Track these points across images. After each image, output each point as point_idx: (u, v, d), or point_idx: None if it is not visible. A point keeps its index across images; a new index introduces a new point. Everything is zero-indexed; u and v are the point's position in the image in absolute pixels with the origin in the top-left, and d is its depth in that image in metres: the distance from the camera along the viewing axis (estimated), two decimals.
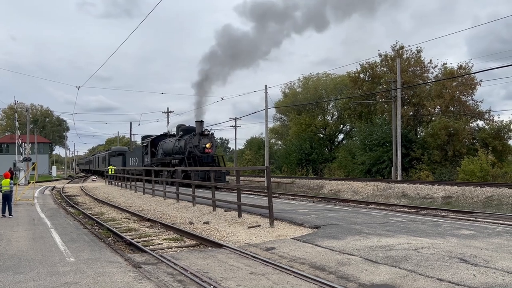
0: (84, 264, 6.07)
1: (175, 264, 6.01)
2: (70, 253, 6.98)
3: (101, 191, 24.98)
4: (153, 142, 31.16)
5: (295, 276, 5.15)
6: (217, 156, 27.54)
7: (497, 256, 5.59)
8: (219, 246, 7.45)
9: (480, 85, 32.95)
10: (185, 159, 25.10)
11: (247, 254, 6.53)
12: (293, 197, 20.97)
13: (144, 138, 35.12)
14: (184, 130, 27.77)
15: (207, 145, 25.85)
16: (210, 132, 27.26)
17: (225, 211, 11.73)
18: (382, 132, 33.56)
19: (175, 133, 29.58)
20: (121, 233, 9.62)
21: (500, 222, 9.78)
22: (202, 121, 26.81)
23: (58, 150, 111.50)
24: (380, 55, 37.04)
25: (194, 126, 27.90)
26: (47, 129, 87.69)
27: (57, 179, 50.11)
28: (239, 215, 10.57)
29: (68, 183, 40.34)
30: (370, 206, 14.77)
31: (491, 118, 32.70)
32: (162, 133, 32.73)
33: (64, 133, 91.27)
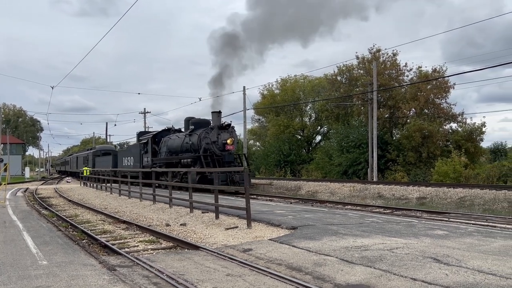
0: (57, 267, 5.94)
1: (150, 266, 5.94)
2: (42, 256, 6.82)
3: (75, 193, 24.52)
4: (155, 138, 26.76)
5: (271, 277, 5.16)
6: (238, 154, 23.37)
7: (468, 256, 5.72)
8: (196, 248, 7.40)
9: (453, 88, 33.75)
10: (200, 158, 20.87)
11: (224, 255, 6.51)
12: (271, 198, 21.02)
13: (140, 134, 30.43)
14: (195, 124, 23.21)
15: (228, 141, 21.51)
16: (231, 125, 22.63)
17: (202, 212, 11.67)
18: (358, 134, 33.99)
19: (184, 127, 25.19)
20: (96, 235, 9.46)
21: (472, 222, 10.02)
22: (220, 112, 22.30)
23: (32, 151, 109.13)
24: (357, 58, 37.53)
25: (207, 118, 23.98)
26: (20, 129, 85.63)
27: (31, 181, 48.94)
28: (217, 217, 10.53)
29: (42, 184, 39.45)
30: (346, 207, 14.93)
31: (464, 120, 33.51)
32: (165, 128, 28.13)
33: (38, 134, 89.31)
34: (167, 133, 26.56)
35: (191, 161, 21.69)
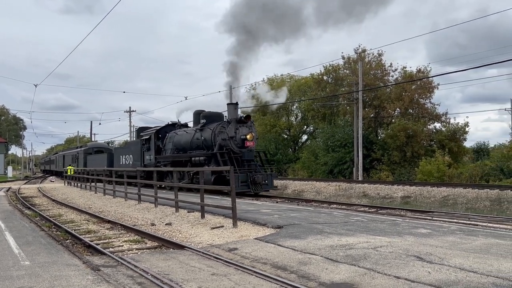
0: (39, 268, 5.87)
1: (135, 266, 5.91)
2: (25, 256, 6.73)
3: (59, 192, 24.21)
4: (158, 134, 24.21)
5: (257, 276, 5.17)
6: (257, 152, 20.57)
7: (451, 254, 5.80)
8: (181, 247, 7.37)
9: (437, 88, 34.20)
10: (216, 156, 18.37)
11: (209, 255, 6.50)
12: (257, 198, 21.05)
13: (141, 130, 27.62)
14: (207, 117, 20.82)
15: (248, 136, 18.92)
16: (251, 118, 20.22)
17: (188, 212, 11.63)
18: (344, 134, 34.23)
19: (193, 122, 22.65)
20: (80, 235, 9.36)
21: (455, 220, 10.16)
22: (236, 103, 19.96)
23: (15, 150, 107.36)
24: (343, 58, 37.76)
25: (220, 111, 21.71)
26: (3, 127, 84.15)
27: (13, 180, 48.17)
28: (202, 216, 10.51)
29: (25, 184, 38.87)
30: (332, 206, 15.02)
31: (448, 120, 34.00)
32: (169, 122, 25.23)
33: (21, 132, 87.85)
34: (172, 128, 24.01)
35: (204, 159, 19.27)
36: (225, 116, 20.43)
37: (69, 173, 32.32)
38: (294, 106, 46.60)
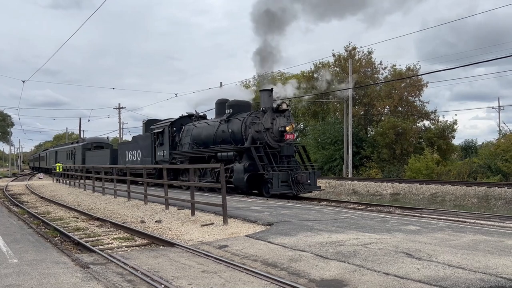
0: (28, 266, 5.81)
1: (125, 263, 5.87)
2: (13, 254, 6.66)
3: (48, 190, 23.99)
4: (173, 127, 21.57)
5: (247, 273, 5.17)
6: (296, 146, 17.87)
7: (439, 250, 5.86)
8: (171, 245, 7.35)
9: (426, 86, 34.50)
10: (249, 151, 15.82)
11: (199, 252, 6.49)
12: (247, 195, 21.04)
13: (150, 122, 25.09)
14: (234, 106, 18.18)
15: (287, 128, 16.29)
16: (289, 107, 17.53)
17: (178, 209, 11.59)
18: (334, 131, 34.37)
19: (216, 112, 20.15)
20: (69, 232, 9.29)
21: (443, 217, 10.26)
22: (271, 90, 17.10)
23: (2, 147, 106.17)
24: (333, 55, 37.86)
25: (244, 101, 19.35)
26: None
27: (1, 177, 47.65)
28: (193, 213, 10.48)
29: (13, 181, 38.45)
30: (322, 203, 15.06)
31: (437, 118, 34.34)
32: (183, 114, 22.56)
33: (9, 129, 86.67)
34: (188, 120, 21.52)
35: (234, 155, 16.64)
36: (257, 106, 17.95)
37: (57, 170, 31.90)
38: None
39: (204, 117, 21.89)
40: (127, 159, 26.02)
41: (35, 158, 71.58)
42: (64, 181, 28.49)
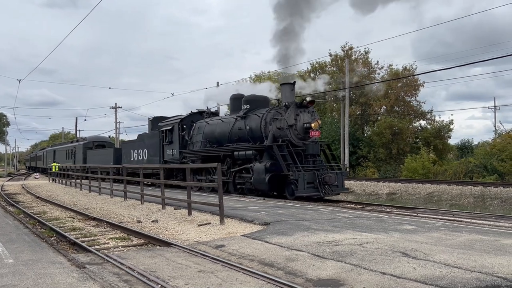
0: (23, 266, 5.78)
1: (121, 263, 5.86)
2: (8, 254, 6.63)
3: (44, 189, 23.91)
4: (182, 124, 20.38)
5: (244, 273, 5.17)
6: (321, 144, 16.52)
7: (435, 250, 5.87)
8: (168, 244, 7.34)
9: (423, 86, 34.62)
10: (270, 150, 14.67)
11: (196, 252, 6.48)
12: (244, 195, 21.04)
13: (156, 120, 23.74)
14: (251, 102, 16.95)
15: (313, 125, 14.96)
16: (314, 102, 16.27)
17: (174, 209, 11.58)
18: (331, 131, 34.41)
19: (231, 108, 19.02)
20: (65, 232, 9.25)
21: (440, 217, 10.29)
22: (294, 83, 15.98)
23: None
24: (330, 55, 37.91)
25: (262, 96, 18.13)
26: None
27: None
28: (189, 213, 10.47)
29: (8, 180, 38.30)
30: (318, 202, 15.08)
31: (433, 118, 34.47)
32: (192, 111, 21.19)
33: (4, 128, 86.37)
34: (199, 117, 20.35)
35: (254, 153, 15.38)
36: (276, 101, 16.74)
37: (53, 170, 31.75)
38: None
39: (216, 113, 20.86)
40: (132, 159, 24.80)
41: (31, 157, 70.31)
42: (60, 180, 28.39)
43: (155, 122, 23.66)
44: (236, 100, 18.06)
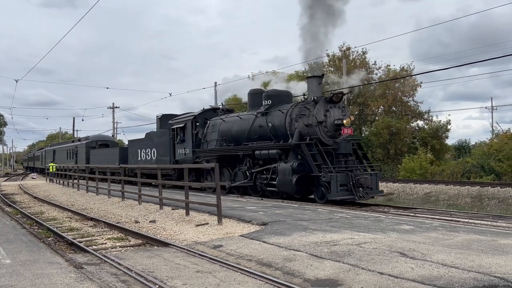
0: (21, 266, 5.77)
1: (119, 264, 5.85)
2: (5, 254, 6.61)
3: (41, 189, 23.85)
4: (195, 122, 19.12)
5: (242, 273, 5.17)
6: (353, 143, 14.87)
7: (433, 250, 5.88)
8: (166, 245, 7.33)
9: (420, 86, 34.65)
10: (301, 148, 13.38)
11: (194, 252, 6.47)
12: (242, 195, 21.01)
13: (165, 117, 22.57)
14: (273, 97, 15.77)
15: (345, 121, 13.82)
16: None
17: (172, 209, 11.57)
18: None
19: (249, 104, 17.43)
20: (62, 232, 9.24)
21: (437, 217, 10.30)
22: (322, 76, 14.88)
23: None
24: (327, 55, 37.92)
25: (285, 90, 17.35)
26: None
27: None
28: (187, 213, 10.46)
29: (5, 181, 38.19)
30: (316, 202, 15.09)
31: (430, 118, 34.51)
32: (205, 108, 20.20)
33: (1, 128, 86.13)
34: (213, 114, 19.22)
35: (278, 152, 14.16)
36: (302, 95, 15.66)
37: (51, 170, 31.61)
38: None
39: (231, 110, 19.88)
40: (139, 158, 23.57)
41: (29, 157, 69.10)
42: (58, 181, 28.32)
43: (164, 120, 22.59)
44: (255, 96, 16.87)
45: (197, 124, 19.09)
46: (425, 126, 34.05)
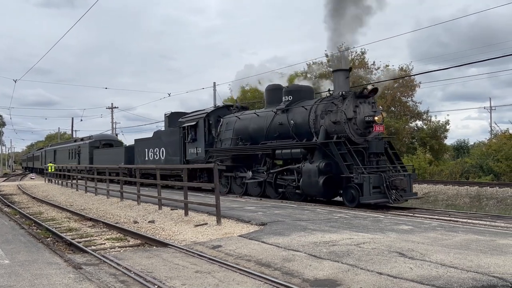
0: (19, 266, 5.76)
1: (118, 264, 5.85)
2: (4, 255, 6.60)
3: (40, 190, 23.83)
4: (208, 119, 18.13)
5: (241, 273, 5.17)
6: (386, 142, 13.84)
7: (432, 250, 5.89)
8: (165, 245, 7.33)
9: (419, 86, 34.67)
10: (329, 147, 12.44)
11: (193, 252, 6.47)
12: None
13: (174, 115, 21.64)
14: (294, 92, 14.83)
15: (377, 118, 12.71)
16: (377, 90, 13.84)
17: (171, 209, 11.56)
18: None
19: (267, 100, 16.52)
20: (61, 233, 9.23)
21: (436, 217, 10.31)
22: (350, 70, 13.99)
23: None
24: (326, 56, 37.94)
25: (306, 85, 16.52)
26: None
27: None
28: (186, 214, 10.46)
29: (4, 181, 38.16)
30: (315, 202, 15.09)
31: (429, 118, 34.53)
32: (217, 105, 19.90)
33: (0, 129, 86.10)
34: (226, 112, 18.33)
35: (302, 152, 13.18)
36: (328, 91, 14.46)
37: (49, 170, 31.51)
38: None
39: (246, 107, 19.08)
40: (146, 158, 22.47)
41: (28, 157, 68.01)
42: (56, 181, 28.29)
43: (173, 118, 21.49)
44: (274, 91, 15.97)
45: (210, 122, 18.16)
46: (424, 126, 34.09)
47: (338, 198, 13.45)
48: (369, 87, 13.13)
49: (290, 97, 14.71)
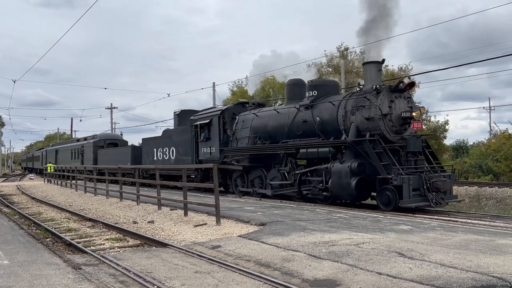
0: (19, 267, 5.76)
1: (117, 264, 5.84)
2: (3, 255, 6.59)
3: (39, 190, 23.82)
4: (222, 117, 17.23)
5: (240, 274, 5.17)
6: (424, 141, 12.66)
7: (431, 250, 5.89)
8: (164, 245, 7.33)
9: (418, 87, 34.64)
10: (362, 146, 11.39)
11: (192, 252, 6.47)
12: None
13: (185, 113, 20.78)
14: (319, 87, 13.72)
15: (414, 114, 11.85)
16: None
17: (170, 210, 11.56)
18: None
19: (288, 96, 15.69)
20: (60, 233, 9.23)
21: (435, 217, 10.30)
22: (382, 62, 12.61)
23: None
24: (326, 56, 37.96)
25: (331, 80, 15.70)
26: None
27: None
28: (185, 214, 10.46)
29: (3, 181, 38.11)
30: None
31: (428, 118, 34.50)
32: (237, 102, 19.05)
33: None
34: (242, 109, 17.37)
35: (330, 151, 12.15)
36: (358, 85, 13.50)
37: (49, 170, 31.44)
38: (278, 104, 46.62)
39: (263, 104, 17.81)
40: (155, 158, 21.53)
41: (28, 158, 67.04)
42: (56, 181, 28.26)
43: (184, 116, 20.53)
44: (296, 86, 14.98)
45: (224, 120, 17.18)
46: (423, 127, 34.09)
47: (363, 202, 12.91)
48: (406, 80, 12.05)
49: (314, 92, 13.62)
